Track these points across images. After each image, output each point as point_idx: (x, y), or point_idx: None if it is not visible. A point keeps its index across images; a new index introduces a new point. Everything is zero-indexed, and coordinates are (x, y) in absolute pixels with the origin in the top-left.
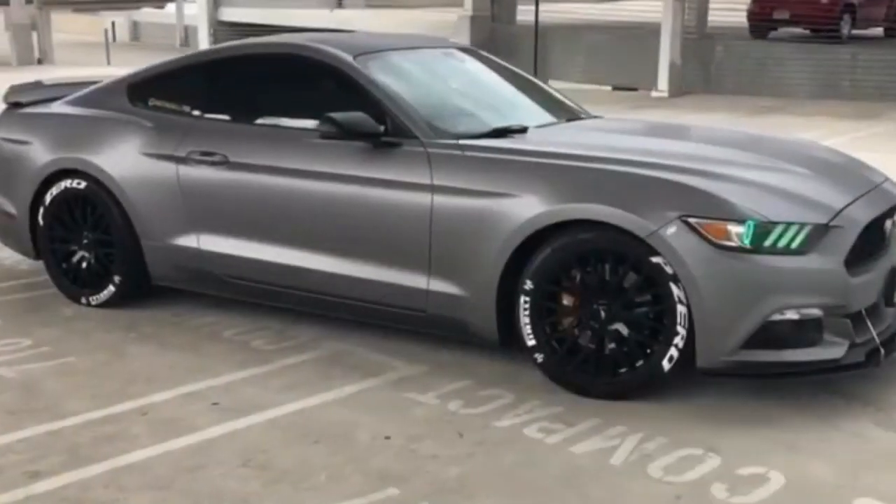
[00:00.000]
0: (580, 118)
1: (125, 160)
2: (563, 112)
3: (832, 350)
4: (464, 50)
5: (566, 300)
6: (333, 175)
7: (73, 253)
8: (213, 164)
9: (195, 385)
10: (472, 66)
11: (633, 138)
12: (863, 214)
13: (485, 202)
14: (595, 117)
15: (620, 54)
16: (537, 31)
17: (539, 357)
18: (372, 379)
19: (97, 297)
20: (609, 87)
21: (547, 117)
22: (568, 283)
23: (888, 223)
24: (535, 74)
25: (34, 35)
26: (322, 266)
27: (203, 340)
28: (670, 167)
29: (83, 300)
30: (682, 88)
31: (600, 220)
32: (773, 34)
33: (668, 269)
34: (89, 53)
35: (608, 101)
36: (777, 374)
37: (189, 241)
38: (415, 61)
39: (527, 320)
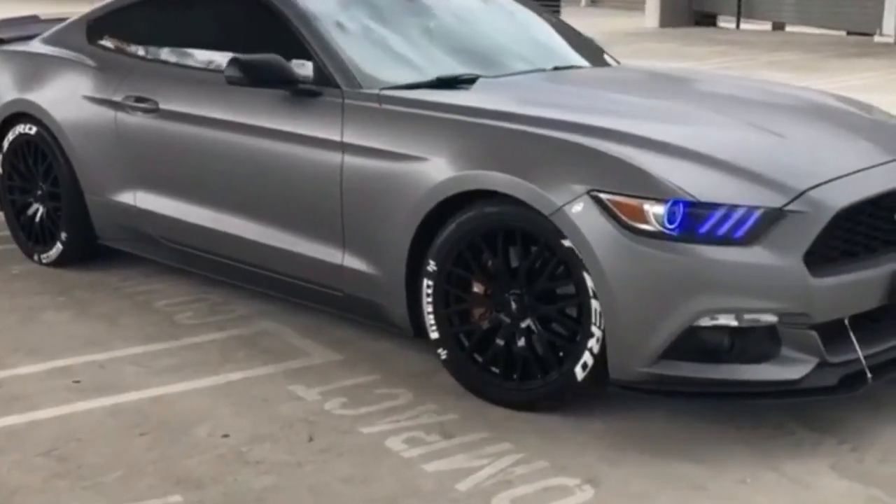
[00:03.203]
0: (582, 67)
1: (68, 104)
2: (570, 58)
3: (790, 369)
4: None
5: (475, 287)
6: (248, 127)
7: (29, 205)
8: (145, 111)
9: (76, 359)
10: (476, 4)
11: (598, 93)
12: (846, 196)
13: (395, 165)
14: (608, 65)
15: None
16: None
17: (443, 353)
18: (271, 366)
19: (48, 254)
20: (842, 32)
21: (532, 65)
22: (476, 267)
23: None
24: (739, 13)
25: None
26: (242, 232)
27: (129, 310)
28: (592, 129)
29: (35, 257)
30: None
31: (504, 192)
32: None
33: (581, 256)
34: None
35: (811, 46)
36: (713, 393)
37: (127, 197)
38: None
39: (430, 308)
